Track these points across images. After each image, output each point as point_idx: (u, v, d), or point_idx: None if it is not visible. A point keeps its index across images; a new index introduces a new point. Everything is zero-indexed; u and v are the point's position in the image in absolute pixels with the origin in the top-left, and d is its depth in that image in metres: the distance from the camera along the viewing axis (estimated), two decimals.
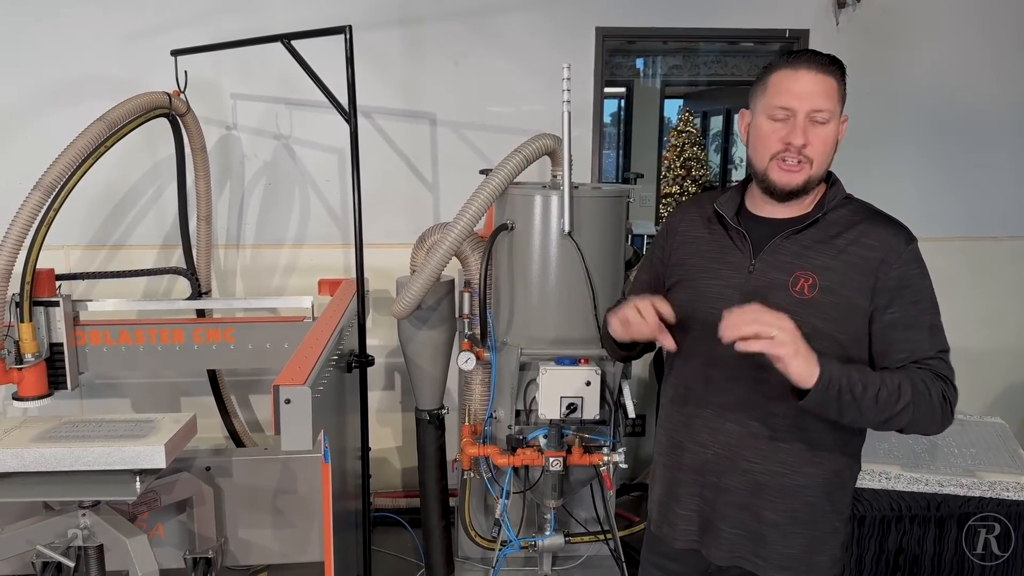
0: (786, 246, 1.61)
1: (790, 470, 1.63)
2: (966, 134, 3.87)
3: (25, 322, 2.70)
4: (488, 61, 3.61)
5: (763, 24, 3.70)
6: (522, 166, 2.45)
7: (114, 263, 3.60)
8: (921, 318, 1.57)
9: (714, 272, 1.68)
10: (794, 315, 1.48)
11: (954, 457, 2.15)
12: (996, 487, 2.00)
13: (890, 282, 1.56)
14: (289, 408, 1.86)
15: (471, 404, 2.71)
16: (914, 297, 1.58)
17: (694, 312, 1.68)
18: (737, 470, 1.66)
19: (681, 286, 1.73)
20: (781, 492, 1.64)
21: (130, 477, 2.19)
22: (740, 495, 1.67)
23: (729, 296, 1.61)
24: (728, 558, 1.71)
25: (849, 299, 1.56)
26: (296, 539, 2.73)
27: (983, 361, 4.07)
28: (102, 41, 3.44)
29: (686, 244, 1.76)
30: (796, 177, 1.58)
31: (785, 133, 1.57)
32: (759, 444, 1.63)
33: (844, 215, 1.63)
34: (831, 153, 1.61)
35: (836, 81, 1.58)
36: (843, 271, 1.57)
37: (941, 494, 2.01)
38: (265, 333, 3.02)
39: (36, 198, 2.50)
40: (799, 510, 1.65)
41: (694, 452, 1.72)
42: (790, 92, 1.56)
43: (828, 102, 1.56)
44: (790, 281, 1.58)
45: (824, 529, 1.68)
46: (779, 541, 1.66)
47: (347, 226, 3.65)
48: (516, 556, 2.70)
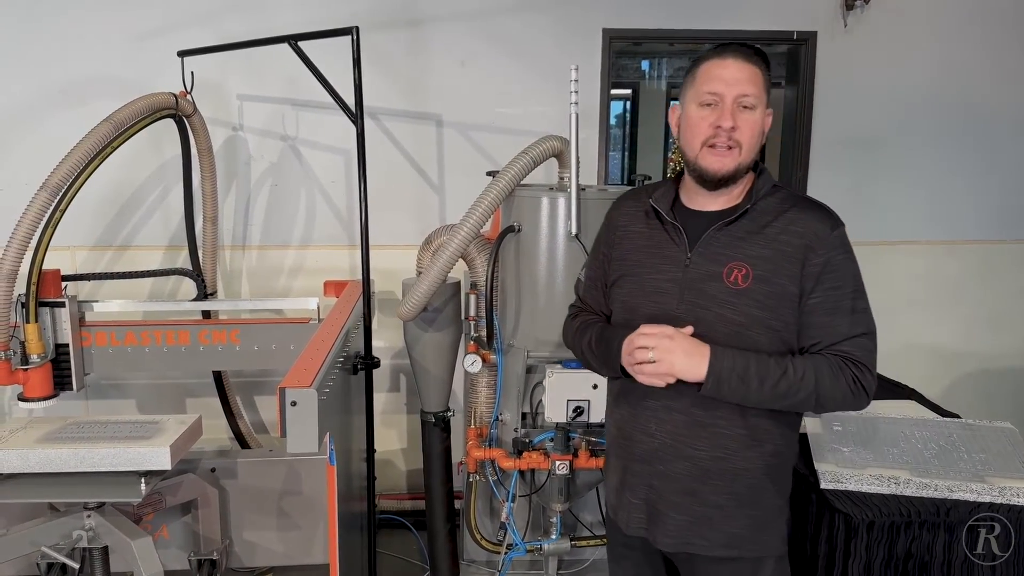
0: (719, 238, 1.67)
1: (732, 454, 1.69)
2: (975, 136, 3.85)
3: (31, 323, 2.70)
4: (495, 63, 3.61)
5: (770, 26, 3.69)
6: (529, 168, 2.44)
7: (120, 264, 3.61)
8: (842, 302, 1.62)
9: (653, 266, 1.73)
10: (730, 305, 1.62)
11: (963, 462, 2.14)
12: (1006, 492, 1.98)
13: (815, 268, 1.61)
14: (295, 410, 1.86)
15: (477, 406, 2.70)
16: (837, 282, 1.62)
17: (637, 307, 1.73)
18: (682, 457, 1.71)
19: (624, 281, 1.78)
20: (724, 476, 1.70)
21: (135, 478, 2.18)
22: (685, 481, 1.72)
23: (668, 290, 1.69)
24: (675, 544, 1.76)
25: (782, 287, 1.62)
26: (301, 541, 2.73)
27: (992, 365, 4.05)
28: (109, 42, 3.44)
29: (626, 239, 1.81)
30: (727, 162, 1.63)
31: (715, 118, 1.62)
32: (703, 431, 1.69)
33: (773, 204, 1.68)
34: (758, 140, 1.66)
35: (761, 71, 1.64)
36: (775, 259, 1.62)
37: (951, 499, 1.99)
38: (271, 334, 3.01)
39: (43, 198, 2.50)
40: (742, 492, 1.71)
41: (642, 442, 1.76)
42: (719, 78, 1.62)
43: (754, 88, 1.61)
44: (724, 272, 1.64)
45: (768, 509, 1.74)
46: (724, 522, 1.72)
47: (353, 227, 3.65)
48: (522, 559, 2.69)
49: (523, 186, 2.54)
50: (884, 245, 3.89)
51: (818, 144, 3.82)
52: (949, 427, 2.36)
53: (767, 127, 1.67)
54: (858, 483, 2.04)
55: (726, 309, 1.63)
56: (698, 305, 1.66)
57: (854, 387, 1.61)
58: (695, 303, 1.66)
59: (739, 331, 1.63)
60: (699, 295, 1.65)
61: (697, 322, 1.64)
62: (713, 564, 1.75)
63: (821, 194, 1.81)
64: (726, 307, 1.63)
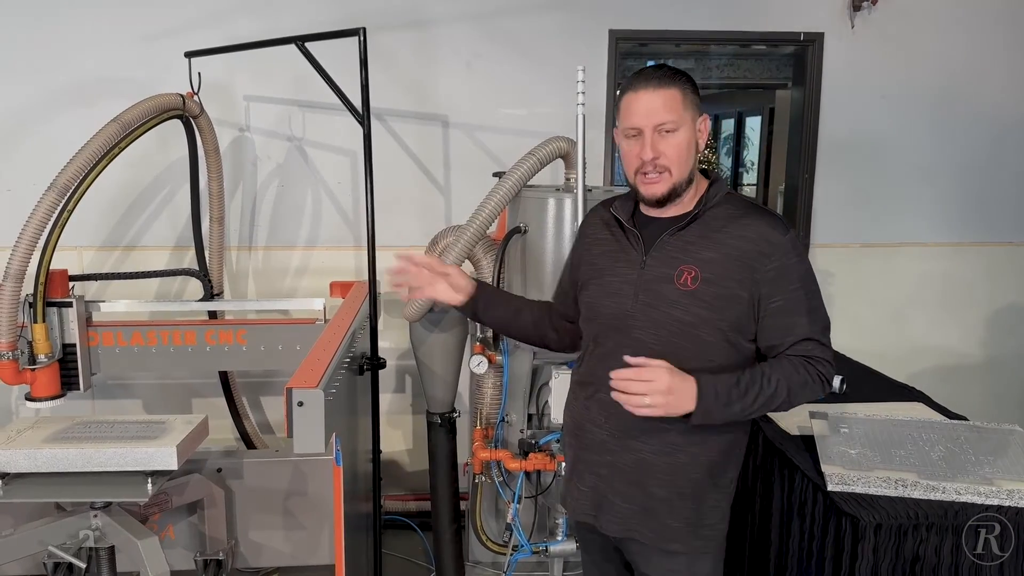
0: (672, 242, 1.77)
1: (676, 450, 1.78)
2: (982, 137, 3.84)
3: (38, 323, 2.71)
4: (501, 64, 3.61)
5: (777, 27, 3.69)
6: (535, 169, 2.44)
7: (127, 264, 3.62)
8: (800, 303, 1.72)
9: (614, 270, 1.84)
10: (680, 305, 1.72)
11: (971, 465, 2.12)
12: (1015, 495, 1.97)
13: (769, 273, 1.70)
14: (302, 411, 1.86)
15: (483, 408, 2.70)
16: (794, 284, 1.71)
17: (597, 305, 1.85)
18: (629, 450, 1.80)
19: (589, 284, 1.89)
20: (668, 470, 1.79)
21: (142, 478, 2.19)
22: (631, 473, 1.81)
23: (625, 291, 1.80)
24: (621, 530, 1.85)
25: (729, 289, 1.71)
26: (307, 541, 2.73)
27: (1000, 367, 4.03)
28: (117, 43, 3.46)
29: (592, 246, 1.93)
30: (658, 187, 1.74)
31: (639, 150, 1.73)
32: (649, 427, 1.75)
33: (726, 210, 1.77)
34: (688, 157, 1.75)
35: (679, 90, 1.71)
36: (723, 263, 1.71)
37: (959, 502, 1.98)
38: (277, 335, 3.02)
39: (50, 199, 2.51)
40: (683, 486, 1.80)
41: (592, 432, 1.85)
42: (635, 113, 1.72)
43: (670, 113, 1.70)
44: (675, 274, 1.74)
45: (707, 503, 1.83)
46: (666, 515, 1.81)
47: (359, 228, 3.66)
48: (527, 561, 2.68)
49: (529, 187, 2.54)
50: (891, 247, 3.88)
51: (825, 145, 3.81)
52: (957, 429, 2.34)
53: (704, 133, 1.77)
54: (865, 485, 2.03)
55: (676, 309, 1.73)
56: (650, 305, 1.76)
57: (818, 381, 1.73)
58: (648, 303, 1.76)
59: (687, 330, 1.72)
60: (652, 295, 1.75)
61: (648, 320, 1.75)
62: (654, 555, 1.85)
63: (828, 196, 1.84)
64: (676, 307, 1.73)
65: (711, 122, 8.33)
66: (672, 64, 2.03)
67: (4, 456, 2.15)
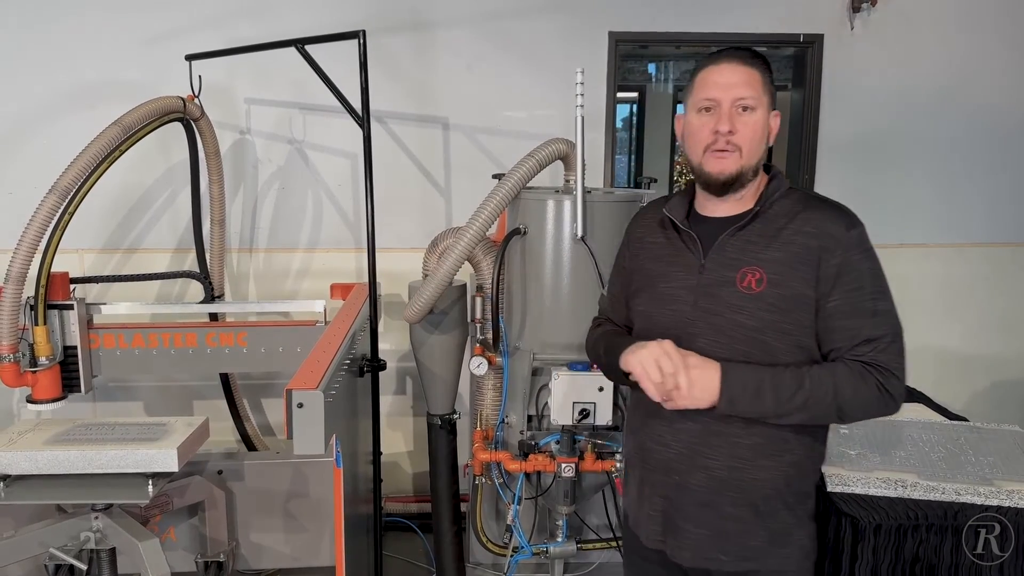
0: (732, 243, 1.65)
1: (748, 464, 1.66)
2: (983, 138, 3.83)
3: (39, 325, 2.72)
4: (501, 66, 3.61)
5: (777, 29, 3.69)
6: (535, 171, 2.45)
7: (128, 266, 3.62)
8: (862, 304, 1.59)
9: (669, 275, 1.72)
10: (744, 310, 1.59)
11: (971, 465, 2.12)
12: (1014, 496, 1.97)
13: (831, 270, 1.58)
14: (301, 412, 1.86)
15: (483, 409, 2.70)
16: (855, 283, 1.59)
17: (653, 315, 1.73)
18: (697, 467, 1.68)
19: (642, 292, 1.78)
20: (740, 487, 1.67)
21: (143, 480, 2.19)
22: (702, 493, 1.69)
23: (683, 297, 1.68)
24: (692, 559, 1.73)
25: (795, 290, 1.59)
26: (307, 543, 2.73)
27: (1002, 368, 4.03)
28: (118, 46, 3.46)
29: (643, 250, 1.81)
30: (728, 164, 1.62)
31: (713, 123, 1.62)
32: (717, 440, 1.66)
33: (787, 206, 1.66)
34: (761, 142, 1.64)
35: (760, 73, 1.62)
36: (788, 262, 1.60)
37: (958, 503, 1.98)
38: (277, 337, 3.02)
39: (51, 201, 2.51)
40: (759, 504, 1.67)
41: (657, 452, 1.75)
42: (715, 84, 1.62)
43: (751, 90, 1.60)
44: (737, 277, 1.62)
45: (786, 521, 1.70)
46: (741, 535, 1.69)
47: (359, 230, 3.66)
48: (528, 562, 2.68)
49: (529, 189, 2.54)
50: (892, 248, 3.87)
51: (825, 147, 3.81)
52: (957, 430, 2.35)
53: (774, 129, 1.66)
54: (865, 486, 2.03)
55: (739, 314, 1.61)
56: (711, 311, 1.64)
57: (880, 394, 1.57)
58: (709, 309, 1.64)
59: (753, 336, 1.60)
60: (713, 300, 1.64)
61: (711, 328, 1.63)
62: None
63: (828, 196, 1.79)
64: (740, 312, 1.61)
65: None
66: (673, 65, 2.01)
67: (5, 458, 2.16)
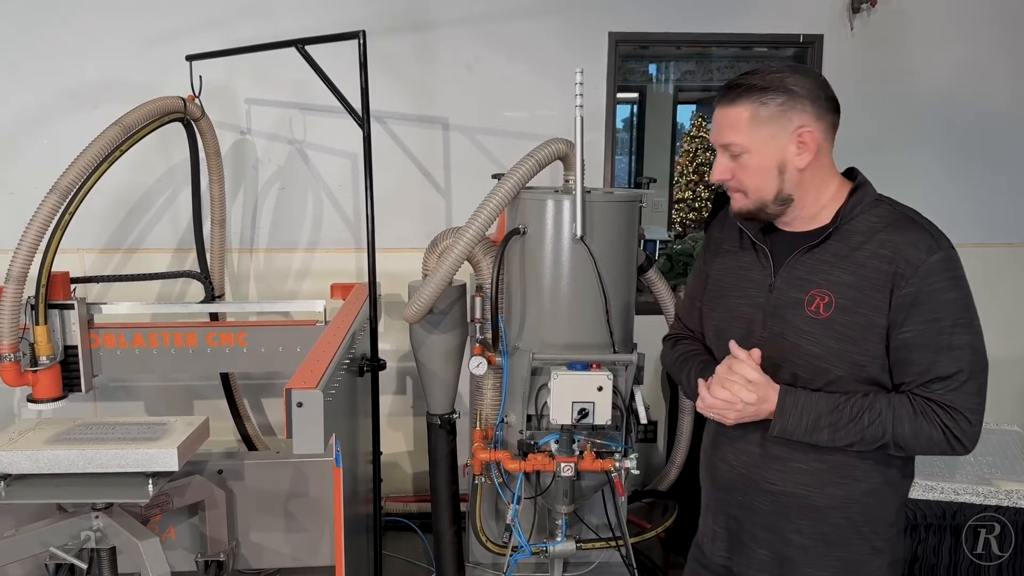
0: (804, 262, 1.57)
1: (811, 491, 1.60)
2: (982, 139, 3.83)
3: (40, 325, 2.72)
4: (501, 66, 3.62)
5: (776, 29, 3.69)
6: (534, 171, 2.45)
7: (128, 266, 3.63)
8: (939, 338, 1.46)
9: (740, 290, 1.67)
10: (809, 335, 1.52)
11: (970, 465, 2.13)
12: (1013, 496, 1.98)
13: (905, 298, 1.46)
14: (301, 412, 1.86)
15: (483, 409, 2.71)
16: (932, 314, 1.46)
17: (725, 331, 1.67)
18: (760, 490, 1.65)
19: (715, 304, 1.74)
20: (805, 513, 1.61)
21: (143, 480, 2.20)
22: (766, 516, 1.65)
23: (752, 316, 1.62)
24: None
25: (866, 317, 1.49)
26: (307, 543, 2.74)
27: (1000, 369, 3.97)
28: (118, 46, 3.46)
29: (719, 257, 1.76)
30: (739, 203, 1.60)
31: None
32: (776, 464, 1.62)
33: (868, 222, 1.53)
34: (765, 178, 1.55)
35: (747, 109, 1.52)
36: (860, 287, 1.49)
37: (957, 502, 1.99)
38: (278, 337, 3.03)
39: (52, 201, 2.51)
40: (828, 532, 1.60)
41: (722, 470, 1.73)
42: (712, 129, 1.61)
43: (736, 135, 1.54)
44: (806, 300, 1.54)
45: (860, 551, 1.61)
46: (809, 564, 1.63)
47: (359, 230, 3.66)
48: (527, 562, 2.68)
49: (528, 189, 2.54)
50: None
51: None
52: None
53: (792, 155, 1.53)
54: None
55: (804, 339, 1.54)
56: (778, 333, 1.58)
57: (943, 436, 1.46)
58: (775, 331, 1.58)
59: (816, 363, 1.53)
60: (780, 322, 1.57)
61: (777, 351, 1.57)
62: None
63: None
64: (804, 337, 1.53)
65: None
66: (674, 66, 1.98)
67: (6, 457, 2.16)
